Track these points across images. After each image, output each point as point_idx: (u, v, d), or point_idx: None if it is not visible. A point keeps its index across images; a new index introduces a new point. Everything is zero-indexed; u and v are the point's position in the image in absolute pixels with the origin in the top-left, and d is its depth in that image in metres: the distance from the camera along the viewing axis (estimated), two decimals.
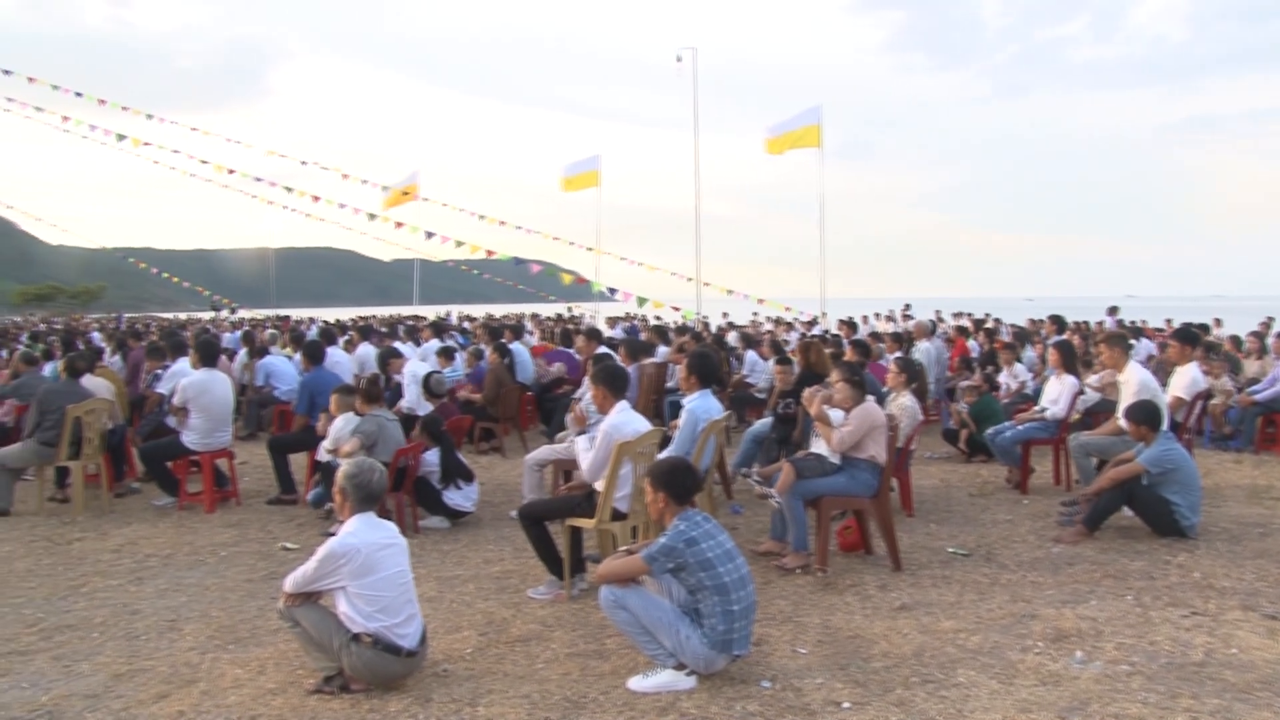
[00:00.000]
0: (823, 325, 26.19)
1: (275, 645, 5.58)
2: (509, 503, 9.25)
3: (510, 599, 6.44)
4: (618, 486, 6.33)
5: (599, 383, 6.69)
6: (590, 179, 30.90)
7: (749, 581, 4.94)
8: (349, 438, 8.17)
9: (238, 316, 44.24)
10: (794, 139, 25.89)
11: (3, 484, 9.21)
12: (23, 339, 24.68)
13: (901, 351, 13.52)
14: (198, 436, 9.31)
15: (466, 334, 23.19)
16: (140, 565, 7.41)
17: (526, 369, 13.99)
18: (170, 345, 12.25)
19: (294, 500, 9.51)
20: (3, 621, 6.10)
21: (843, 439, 7.04)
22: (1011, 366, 13.34)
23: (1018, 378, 13.12)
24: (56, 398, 9.29)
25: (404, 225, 28.53)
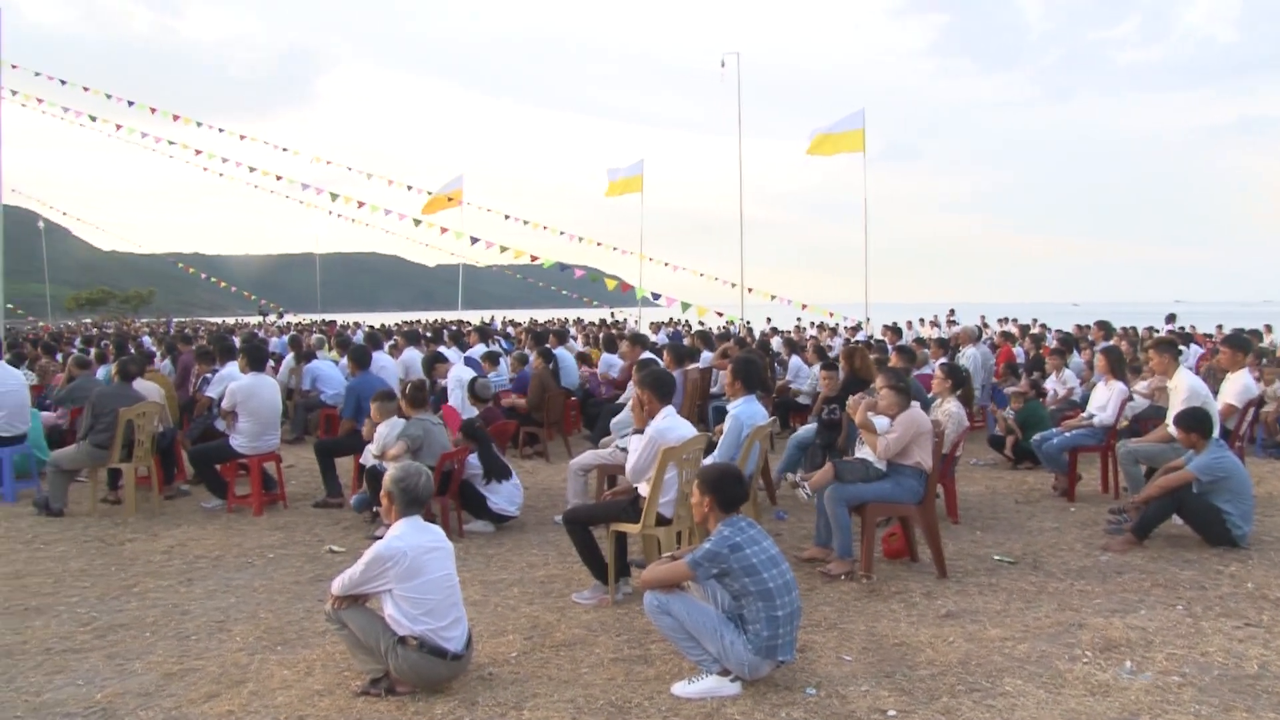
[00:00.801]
0: (867, 330, 26.04)
1: (322, 647, 5.63)
2: (553, 507, 9.28)
3: (555, 603, 6.46)
4: (662, 492, 6.33)
5: (646, 387, 6.69)
6: (634, 184, 30.92)
7: (793, 587, 4.92)
8: (395, 442, 8.23)
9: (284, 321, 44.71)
10: (837, 142, 25.77)
11: (57, 485, 9.37)
12: (76, 343, 25.08)
13: (946, 357, 13.44)
14: (246, 440, 9.43)
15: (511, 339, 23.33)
16: (190, 566, 7.51)
17: (571, 374, 14.04)
18: (219, 349, 12.40)
19: (340, 503, 9.60)
20: (58, 620, 6.21)
21: (888, 445, 7.00)
22: (1061, 372, 13.19)
23: (1066, 384, 12.97)
24: (109, 401, 9.44)
25: (448, 230, 28.72)
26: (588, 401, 14.09)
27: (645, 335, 18.63)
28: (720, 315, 27.55)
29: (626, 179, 31.04)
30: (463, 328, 24.26)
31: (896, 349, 12.78)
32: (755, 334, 25.70)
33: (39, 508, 9.36)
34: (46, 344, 19.17)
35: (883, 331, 21.70)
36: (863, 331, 26.11)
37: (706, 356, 14.67)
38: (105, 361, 14.31)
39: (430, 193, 30.52)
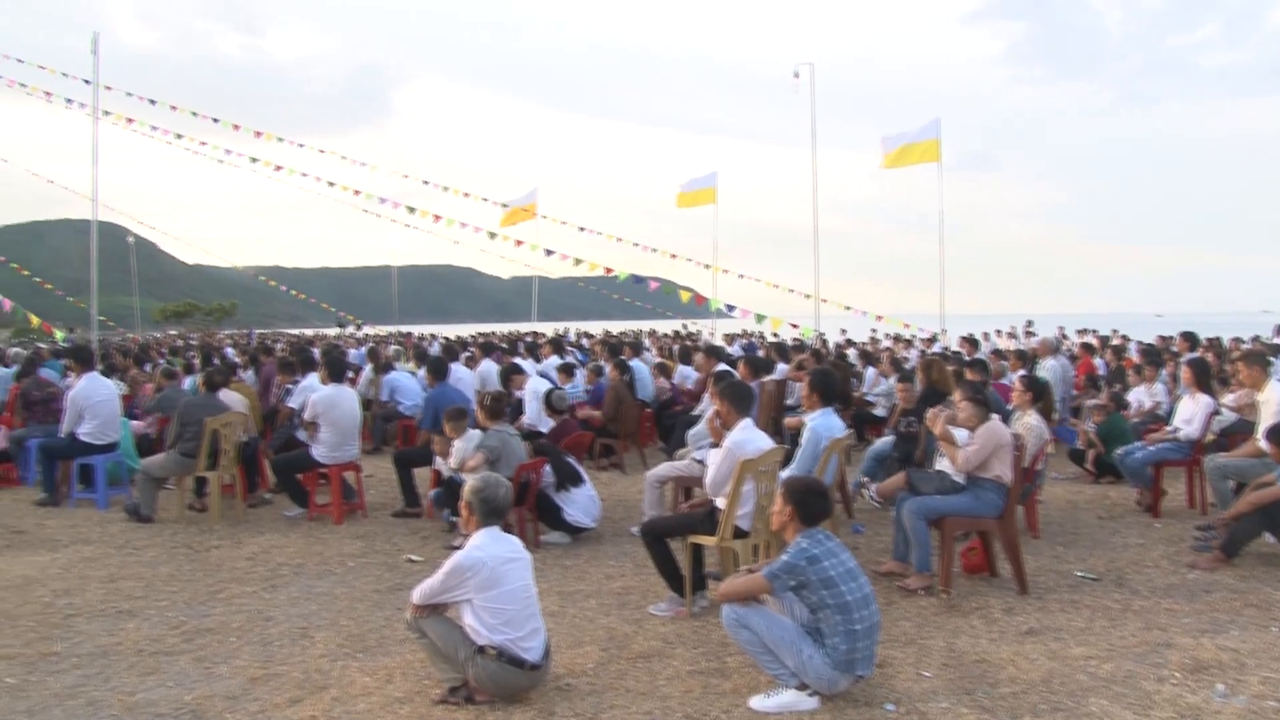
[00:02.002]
0: (943, 342, 25.75)
1: (402, 655, 5.70)
2: (629, 519, 9.30)
3: (631, 615, 6.47)
4: (740, 504, 6.32)
5: (724, 399, 6.69)
6: (707, 195, 30.93)
7: (872, 601, 4.88)
8: (473, 453, 8.32)
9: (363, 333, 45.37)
10: (913, 153, 25.56)
11: (147, 493, 9.61)
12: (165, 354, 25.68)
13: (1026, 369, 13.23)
14: (326, 450, 9.58)
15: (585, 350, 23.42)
16: (273, 573, 7.66)
17: (646, 386, 14.06)
18: (300, 361, 12.63)
19: (419, 513, 9.71)
20: (149, 623, 6.37)
21: (968, 458, 6.92)
22: (1152, 384, 12.87)
23: (1155, 396, 12.67)
24: (196, 411, 9.67)
25: (524, 243, 28.96)
26: (663, 413, 14.10)
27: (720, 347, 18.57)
28: (794, 327, 27.43)
29: (699, 190, 31.07)
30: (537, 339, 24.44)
31: (969, 363, 12.57)
32: (829, 345, 25.48)
33: (130, 514, 9.62)
34: (136, 355, 19.65)
35: (959, 343, 21.43)
36: (939, 343, 25.83)
37: (781, 368, 14.61)
38: (191, 372, 14.64)
39: (505, 205, 30.83)
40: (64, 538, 8.94)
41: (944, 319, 26.82)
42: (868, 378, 15.10)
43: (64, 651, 5.84)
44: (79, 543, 8.73)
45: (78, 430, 10.33)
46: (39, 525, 9.47)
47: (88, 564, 7.96)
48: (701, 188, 31.06)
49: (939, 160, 25.17)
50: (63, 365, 15.62)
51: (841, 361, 16.22)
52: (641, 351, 18.48)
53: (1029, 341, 26.24)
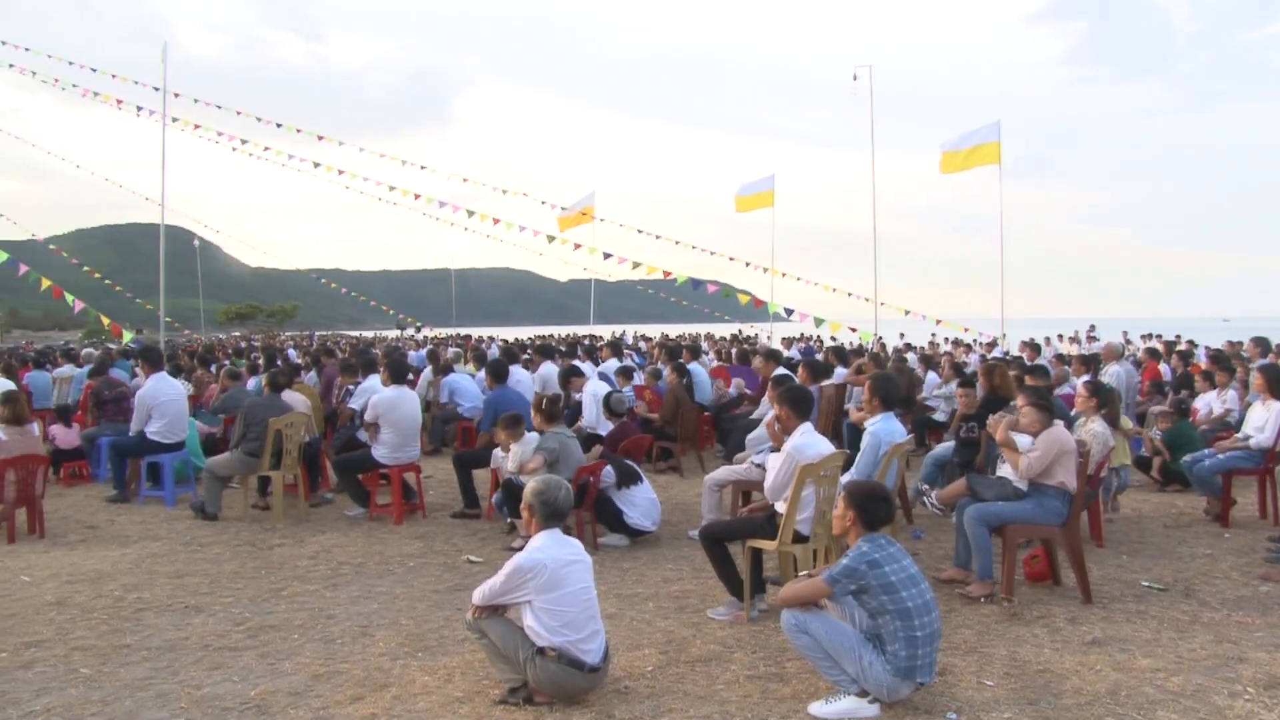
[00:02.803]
0: (1003, 346, 25.46)
1: (462, 655, 5.73)
2: (687, 522, 9.29)
3: (690, 618, 6.46)
4: (800, 509, 6.29)
5: (784, 403, 6.66)
6: (765, 199, 30.88)
7: (933, 608, 4.83)
8: (532, 455, 8.35)
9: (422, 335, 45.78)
10: (972, 156, 25.32)
11: (212, 491, 9.78)
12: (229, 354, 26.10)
13: (1089, 375, 13.03)
14: (387, 451, 9.68)
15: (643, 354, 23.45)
16: (334, 572, 7.74)
17: (704, 389, 14.04)
18: (361, 363, 12.77)
19: (478, 514, 9.77)
20: (215, 619, 6.48)
21: (1030, 465, 6.83)
22: (1224, 391, 12.58)
23: (1226, 403, 12.39)
24: (260, 411, 9.82)
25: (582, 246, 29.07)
26: (721, 417, 14.07)
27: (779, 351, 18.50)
28: (853, 330, 27.28)
29: (757, 194, 31.03)
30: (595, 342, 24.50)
31: (1030, 368, 12.38)
32: (888, 349, 25.30)
33: (196, 511, 9.79)
34: (201, 356, 19.99)
35: (1020, 348, 21.16)
36: (999, 347, 25.55)
37: (840, 372, 14.52)
38: (255, 373, 14.87)
39: (564, 209, 30.98)
40: (133, 534, 9.13)
41: (1004, 323, 26.51)
42: (928, 382, 14.96)
43: (134, 644, 5.96)
44: (148, 539, 8.91)
45: (146, 429, 10.54)
46: (110, 521, 9.69)
47: (156, 560, 8.12)
48: (759, 191, 31.02)
49: (999, 163, 24.92)
50: (132, 365, 15.95)
51: (904, 366, 16.08)
52: (700, 354, 18.45)
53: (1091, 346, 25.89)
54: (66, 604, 6.82)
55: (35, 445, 9.51)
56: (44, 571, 7.73)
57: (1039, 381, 10.66)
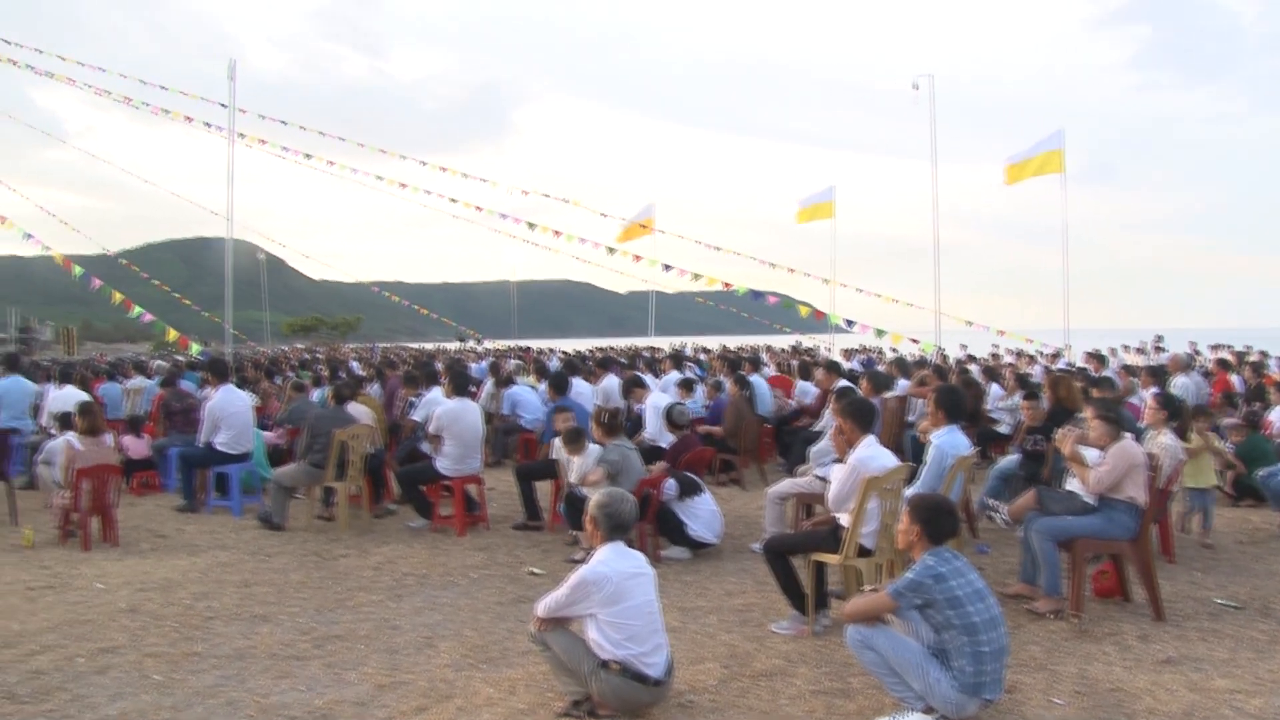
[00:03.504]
0: (1067, 357, 25.11)
1: (525, 667, 5.75)
2: (749, 535, 9.26)
3: (753, 632, 6.43)
4: (864, 522, 6.24)
5: (847, 416, 6.61)
6: (825, 210, 30.76)
7: (1000, 623, 4.76)
8: (593, 468, 8.37)
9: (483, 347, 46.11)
10: (1035, 166, 25.06)
11: (278, 501, 9.91)
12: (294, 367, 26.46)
13: (1158, 386, 12.80)
14: (450, 462, 9.75)
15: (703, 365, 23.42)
16: (398, 583, 7.81)
17: (766, 401, 13.99)
18: (424, 375, 12.89)
19: (540, 526, 9.81)
20: (282, 628, 6.56)
21: (1100, 479, 6.71)
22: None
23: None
24: (325, 423, 9.94)
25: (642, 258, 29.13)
26: (783, 429, 14.01)
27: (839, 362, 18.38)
28: (915, 342, 27.05)
29: (817, 205, 30.93)
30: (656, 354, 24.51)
31: (1097, 380, 12.19)
32: (950, 361, 25.03)
33: (262, 521, 9.94)
34: (267, 368, 20.29)
35: (1085, 359, 20.84)
36: (1063, 358, 25.20)
37: (902, 384, 14.40)
38: (319, 385, 15.05)
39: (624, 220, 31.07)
40: (202, 543, 9.28)
41: (1068, 334, 26.14)
42: (991, 394, 14.78)
43: (204, 652, 6.05)
44: (216, 548, 9.05)
45: (214, 440, 10.72)
46: (179, 530, 9.86)
47: (224, 569, 8.24)
48: (819, 202, 30.92)
49: (1062, 171, 24.64)
50: (199, 377, 16.23)
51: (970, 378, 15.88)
52: (760, 367, 18.39)
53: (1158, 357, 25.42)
54: (139, 611, 6.95)
55: (109, 455, 9.71)
56: (117, 579, 7.89)
57: (1106, 393, 10.51)
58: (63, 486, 9.46)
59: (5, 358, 15.86)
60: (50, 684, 5.51)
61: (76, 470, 9.09)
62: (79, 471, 9.07)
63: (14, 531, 9.72)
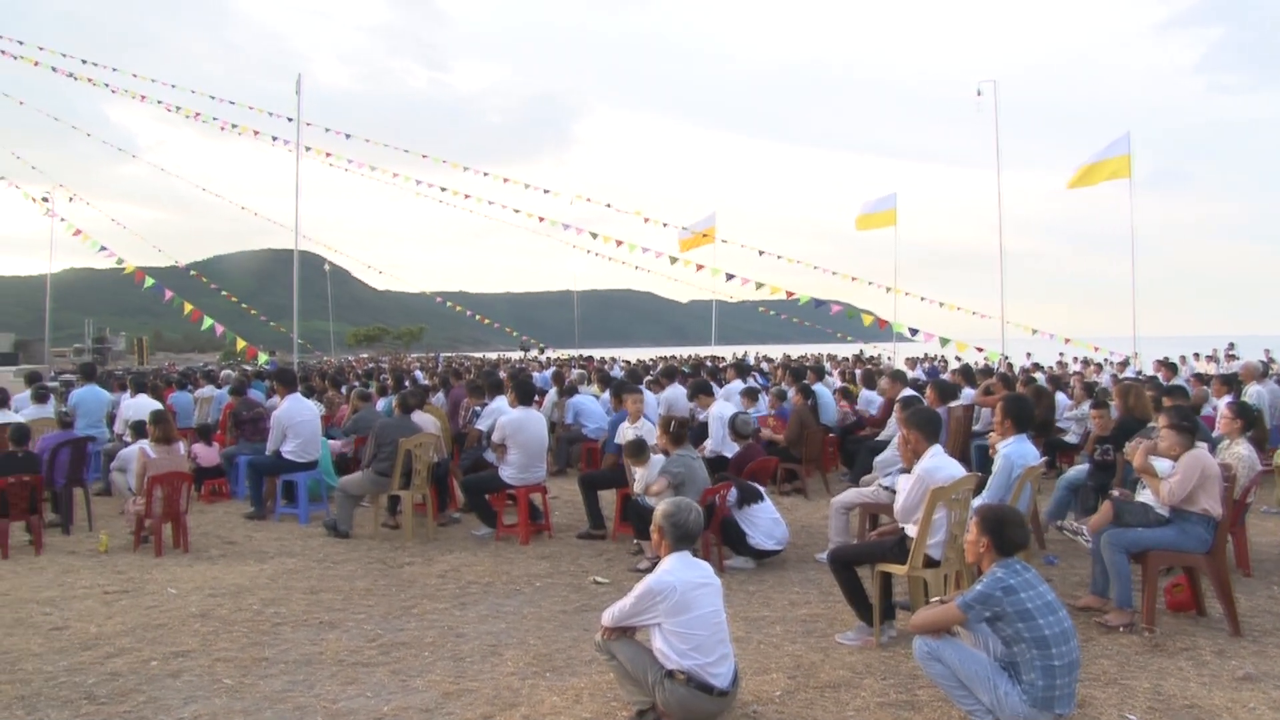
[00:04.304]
0: (1135, 366, 24.67)
1: (590, 676, 5.75)
2: (813, 545, 9.19)
3: (818, 643, 6.38)
4: (931, 533, 6.17)
5: (912, 426, 6.55)
6: (887, 218, 30.57)
7: (1072, 636, 4.67)
8: (657, 478, 8.36)
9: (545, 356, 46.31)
10: (1102, 171, 24.68)
11: (344, 509, 10.03)
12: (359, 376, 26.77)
13: (1232, 395, 12.53)
14: (514, 471, 9.80)
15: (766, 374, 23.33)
16: (463, 591, 7.86)
17: (829, 410, 13.90)
18: (488, 384, 12.98)
19: (603, 535, 9.82)
20: (348, 635, 6.63)
21: (1173, 490, 6.57)
22: None
23: None
24: (391, 432, 10.04)
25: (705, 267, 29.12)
26: (846, 438, 13.91)
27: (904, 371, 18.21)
28: (979, 350, 26.74)
29: (879, 213, 30.76)
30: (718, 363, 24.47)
31: (1168, 389, 11.92)
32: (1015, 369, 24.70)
33: (329, 529, 10.06)
34: (333, 377, 20.54)
35: (1155, 367, 20.45)
36: (1131, 366, 24.76)
37: (968, 393, 14.23)
38: (384, 394, 15.20)
39: (685, 229, 31.09)
40: (270, 550, 9.42)
41: (1136, 341, 25.68)
42: (1059, 404, 14.56)
43: (273, 657, 6.13)
44: (283, 555, 9.18)
45: (282, 448, 10.89)
46: (248, 537, 10.02)
47: (291, 575, 8.35)
48: (881, 210, 30.75)
49: (1129, 176, 24.24)
50: (267, 386, 16.48)
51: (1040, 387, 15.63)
52: (824, 375, 18.28)
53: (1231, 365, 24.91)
54: (209, 616, 7.07)
55: (181, 463, 9.89)
56: (189, 584, 8.03)
57: (1179, 402, 10.30)
58: (136, 493, 9.66)
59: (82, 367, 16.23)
60: (126, 686, 5.63)
61: (150, 477, 9.28)
62: (152, 479, 9.25)
63: (91, 537, 9.96)
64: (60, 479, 10.49)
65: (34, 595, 7.70)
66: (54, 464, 10.36)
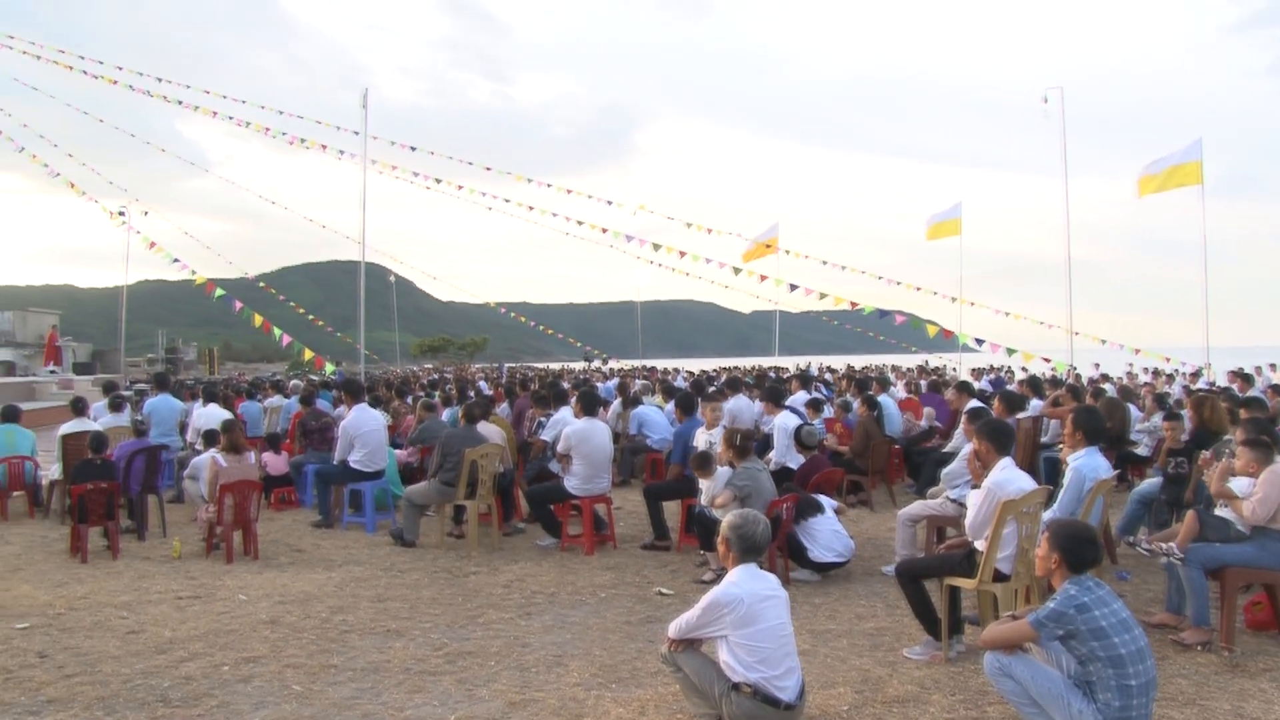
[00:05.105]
0: (1208, 377, 24.16)
1: (655, 687, 5.74)
2: (878, 557, 9.10)
3: (885, 657, 6.31)
4: (1000, 546, 6.08)
5: (984, 437, 6.46)
6: (952, 227, 30.29)
7: (1148, 655, 4.56)
8: (722, 490, 8.33)
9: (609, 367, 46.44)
10: (1172, 177, 24.23)
11: (410, 519, 10.12)
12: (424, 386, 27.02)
13: None
14: (579, 482, 9.82)
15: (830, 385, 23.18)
16: (528, 601, 7.88)
17: (894, 421, 13.78)
18: (553, 394, 13.03)
19: (668, 546, 9.80)
20: (415, 643, 6.68)
21: (1255, 510, 6.37)
22: None
23: None
24: (457, 442, 10.11)
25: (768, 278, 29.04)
26: (911, 450, 13.77)
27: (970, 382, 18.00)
28: (1047, 361, 26.37)
29: (944, 222, 30.51)
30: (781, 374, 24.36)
31: (1244, 401, 11.62)
32: (1083, 380, 24.30)
33: (395, 538, 10.16)
34: (399, 387, 20.74)
35: (1229, 378, 20.00)
36: (1204, 377, 24.26)
37: (1036, 404, 14.01)
38: (449, 404, 15.32)
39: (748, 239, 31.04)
40: (337, 558, 9.52)
41: (1208, 352, 25.16)
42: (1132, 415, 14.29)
43: (340, 665, 6.20)
44: (350, 563, 9.27)
45: (349, 457, 11.00)
46: (315, 545, 10.14)
47: (358, 584, 8.44)
48: (946, 219, 30.49)
49: (1201, 183, 23.79)
50: (333, 396, 16.69)
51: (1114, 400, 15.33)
52: (889, 386, 18.11)
53: None
54: (279, 623, 7.16)
55: (251, 472, 10.04)
56: (258, 591, 8.14)
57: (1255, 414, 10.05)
58: (207, 501, 9.83)
59: (155, 377, 16.57)
60: (199, 690, 5.72)
61: (220, 485, 9.44)
62: (223, 487, 9.41)
63: (164, 543, 10.15)
64: (135, 486, 10.71)
65: (111, 599, 7.86)
66: (129, 471, 10.58)
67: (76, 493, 9.46)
